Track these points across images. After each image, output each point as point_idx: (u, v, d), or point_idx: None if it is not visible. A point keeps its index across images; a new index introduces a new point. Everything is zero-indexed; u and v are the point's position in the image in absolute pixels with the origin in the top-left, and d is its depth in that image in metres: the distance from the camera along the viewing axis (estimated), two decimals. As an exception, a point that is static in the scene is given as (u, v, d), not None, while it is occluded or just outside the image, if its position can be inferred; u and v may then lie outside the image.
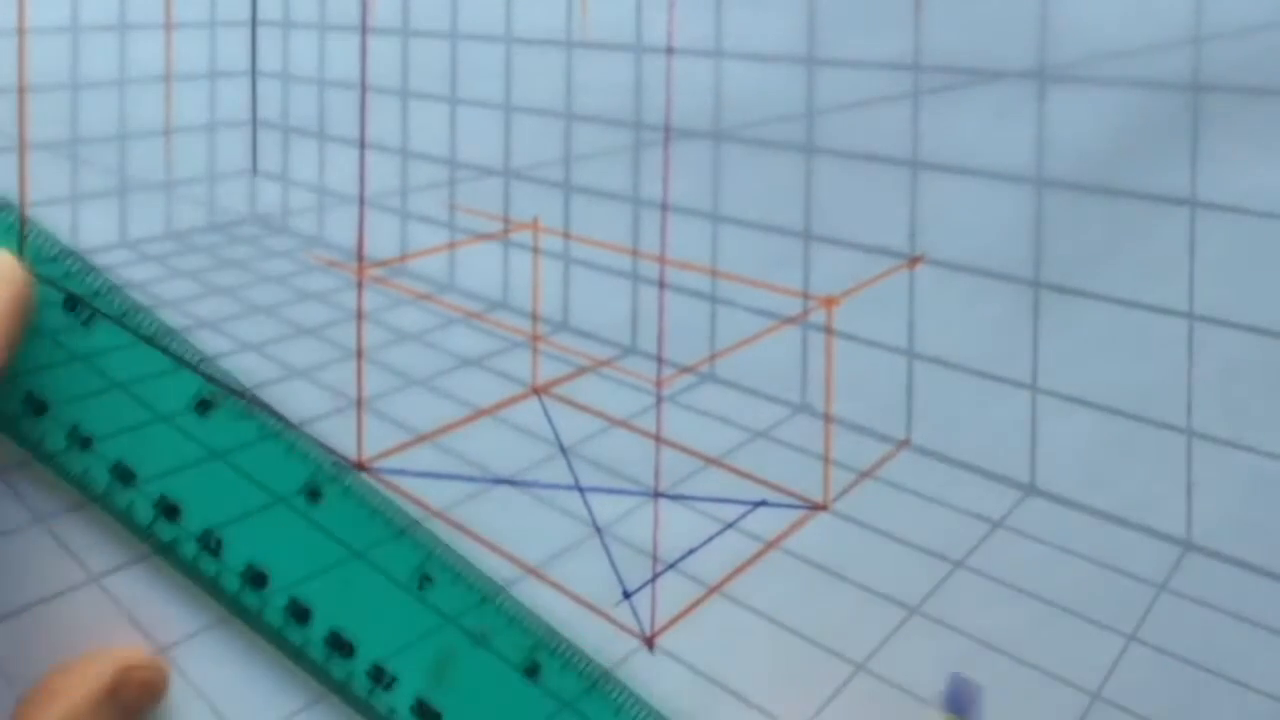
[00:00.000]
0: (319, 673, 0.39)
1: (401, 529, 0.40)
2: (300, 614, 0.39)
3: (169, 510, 0.39)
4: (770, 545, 0.42)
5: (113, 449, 0.39)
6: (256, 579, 0.39)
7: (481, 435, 0.42)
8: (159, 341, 0.40)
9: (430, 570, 0.40)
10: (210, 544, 0.39)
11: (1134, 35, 0.41)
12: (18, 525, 0.39)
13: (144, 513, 0.39)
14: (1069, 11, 0.41)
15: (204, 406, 0.40)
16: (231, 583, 0.39)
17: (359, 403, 0.42)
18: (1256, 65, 0.40)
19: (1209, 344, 0.41)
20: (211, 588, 0.39)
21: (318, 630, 0.39)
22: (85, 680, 0.37)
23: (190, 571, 0.39)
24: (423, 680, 0.39)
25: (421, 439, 0.42)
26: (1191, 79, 0.41)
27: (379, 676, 0.39)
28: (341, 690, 0.39)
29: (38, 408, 0.39)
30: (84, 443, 0.39)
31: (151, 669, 0.39)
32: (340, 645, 0.39)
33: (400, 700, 0.39)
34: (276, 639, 0.39)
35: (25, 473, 0.39)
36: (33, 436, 0.39)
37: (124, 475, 0.39)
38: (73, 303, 0.39)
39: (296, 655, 0.39)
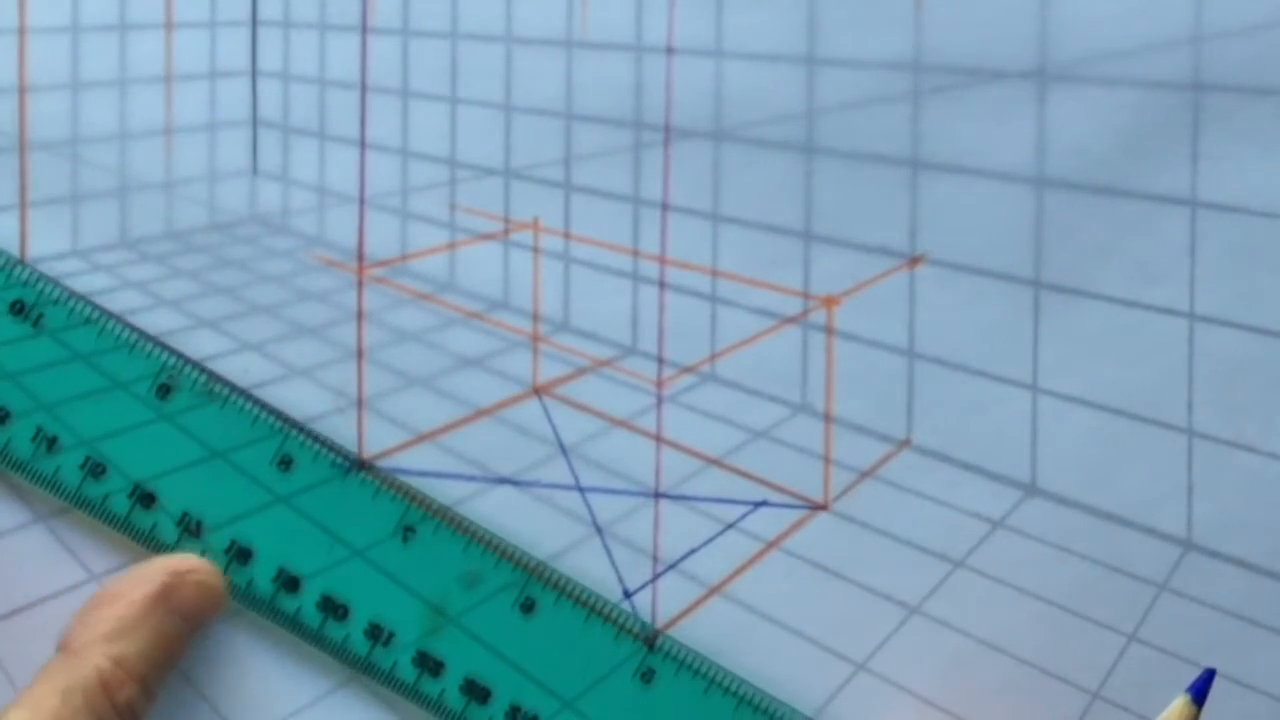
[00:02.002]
0: (317, 638, 0.39)
1: (377, 488, 0.40)
2: (290, 583, 0.39)
3: (145, 498, 0.39)
4: (771, 545, 0.42)
5: (80, 447, 0.39)
6: (241, 555, 0.39)
7: (482, 435, 0.42)
8: (111, 330, 0.40)
9: (412, 522, 0.40)
10: (190, 526, 0.39)
11: (1134, 35, 0.41)
12: (18, 525, 0.39)
13: (120, 503, 0.39)
14: (1069, 11, 0.41)
15: (164, 391, 0.40)
16: (216, 562, 0.39)
17: (360, 402, 0.42)
18: (1256, 65, 0.41)
19: (1209, 344, 0.41)
20: None
21: (310, 597, 0.39)
22: (139, 586, 0.37)
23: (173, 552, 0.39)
24: (420, 631, 0.39)
25: (422, 438, 0.42)
26: (1191, 79, 0.41)
27: (376, 634, 0.39)
28: (340, 653, 0.39)
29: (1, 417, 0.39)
30: (50, 444, 0.39)
31: (206, 573, 0.38)
32: (334, 608, 0.39)
33: (401, 654, 0.39)
34: (269, 611, 0.39)
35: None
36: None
37: (95, 470, 0.39)
38: (19, 307, 0.39)
39: (292, 624, 0.39)
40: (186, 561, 0.38)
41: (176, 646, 0.37)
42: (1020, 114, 0.41)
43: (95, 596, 0.37)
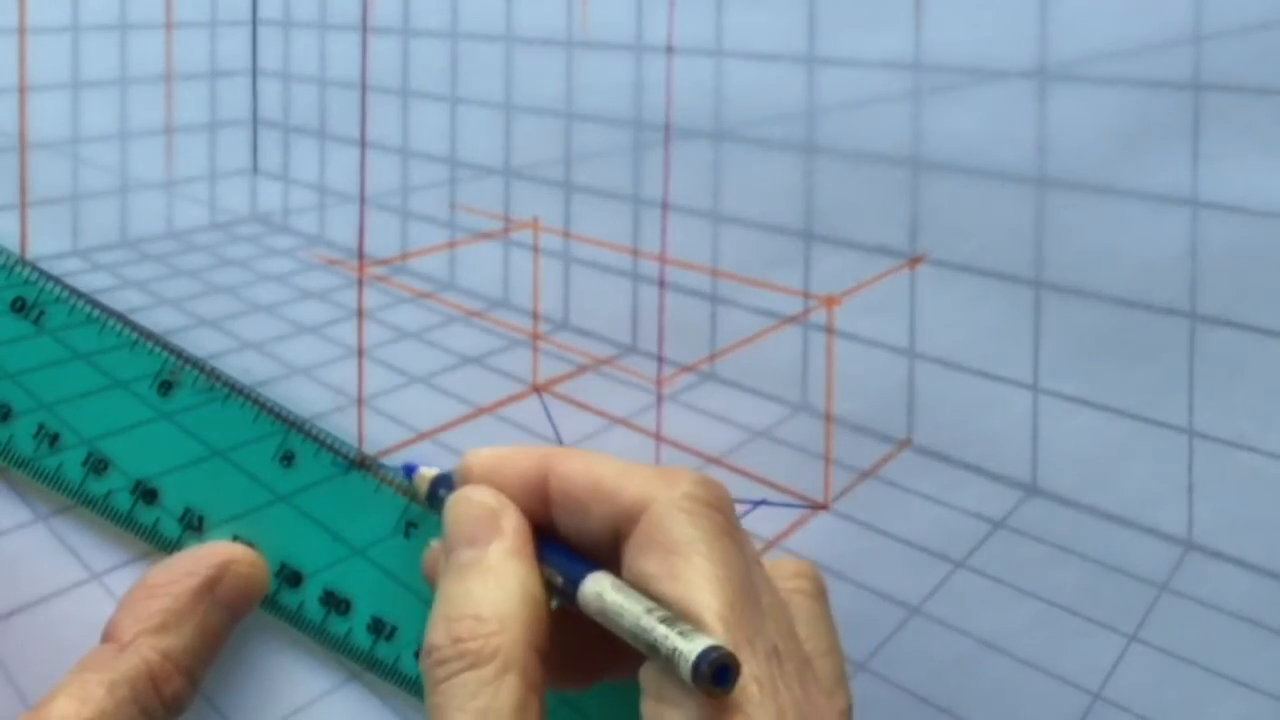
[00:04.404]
0: (319, 633, 0.39)
1: (379, 484, 0.40)
2: (292, 578, 0.39)
3: (147, 494, 0.39)
4: (771, 545, 0.42)
5: (82, 445, 0.39)
6: None
7: (482, 433, 0.42)
8: (113, 327, 0.40)
9: (414, 517, 0.40)
10: (192, 523, 0.39)
11: (1134, 35, 0.41)
12: (18, 524, 0.40)
13: (122, 500, 0.39)
14: (1069, 11, 0.41)
15: (166, 387, 0.40)
16: None
17: (360, 400, 0.42)
18: (1256, 65, 0.40)
19: (1209, 343, 0.41)
20: None
21: (312, 592, 0.39)
22: (184, 577, 0.37)
23: (175, 549, 0.39)
24: (422, 627, 0.39)
25: (422, 437, 0.42)
26: (1192, 78, 0.41)
27: (379, 629, 0.39)
28: (343, 647, 0.39)
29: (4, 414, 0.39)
30: (52, 441, 0.39)
31: (250, 564, 0.38)
32: (336, 603, 0.39)
33: (404, 649, 0.39)
34: (272, 606, 0.39)
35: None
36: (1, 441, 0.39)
37: (97, 467, 0.39)
38: (20, 305, 0.40)
39: (294, 619, 0.39)
40: (230, 551, 0.38)
41: (221, 637, 0.37)
42: (1020, 114, 0.41)
43: (140, 586, 0.37)
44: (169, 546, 0.39)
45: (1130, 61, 0.41)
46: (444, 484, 0.37)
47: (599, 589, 0.31)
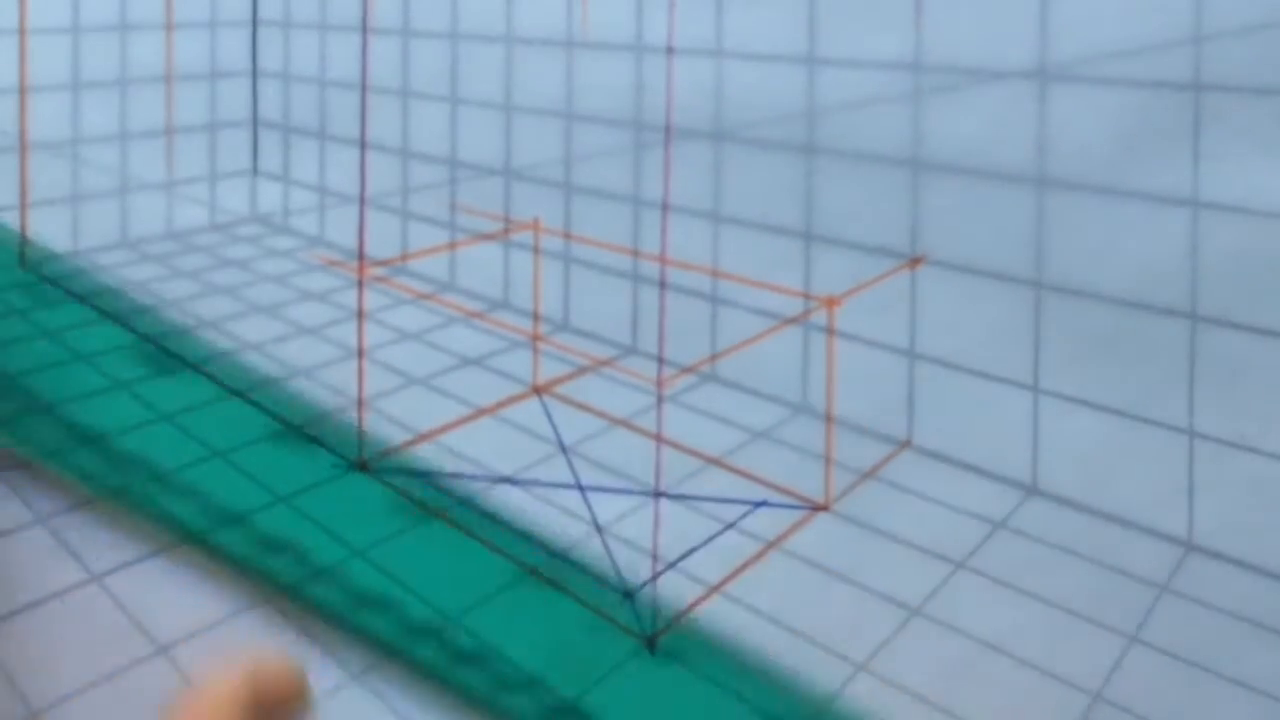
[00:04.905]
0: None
1: (379, 486, 0.40)
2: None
3: (148, 494, 0.39)
4: (771, 545, 0.42)
5: (83, 445, 0.39)
6: (244, 551, 0.39)
7: (482, 434, 0.42)
8: (113, 327, 0.40)
9: (413, 520, 0.40)
10: (194, 524, 0.39)
11: (1134, 35, 0.41)
12: (19, 525, 0.40)
13: (126, 499, 0.39)
14: (1069, 11, 0.41)
15: (166, 387, 0.40)
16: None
17: (360, 402, 0.42)
18: (1256, 65, 0.40)
19: (1209, 343, 0.41)
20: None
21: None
22: (225, 699, 0.36)
23: (176, 549, 0.39)
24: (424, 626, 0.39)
25: (422, 438, 0.42)
26: (1192, 79, 0.41)
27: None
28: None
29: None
30: (53, 441, 0.39)
31: (292, 680, 0.38)
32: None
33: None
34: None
35: (26, 473, 0.39)
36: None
37: (100, 468, 0.39)
38: (22, 307, 0.40)
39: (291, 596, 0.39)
40: (272, 670, 0.38)
41: None
42: (1020, 114, 0.41)
43: (185, 706, 0.36)
44: (170, 546, 0.39)
45: (1130, 61, 0.41)
46: None
47: None
